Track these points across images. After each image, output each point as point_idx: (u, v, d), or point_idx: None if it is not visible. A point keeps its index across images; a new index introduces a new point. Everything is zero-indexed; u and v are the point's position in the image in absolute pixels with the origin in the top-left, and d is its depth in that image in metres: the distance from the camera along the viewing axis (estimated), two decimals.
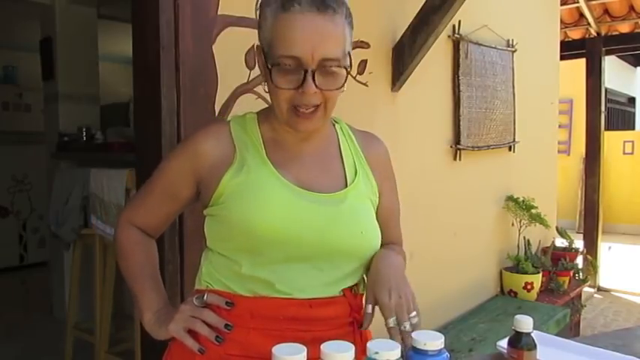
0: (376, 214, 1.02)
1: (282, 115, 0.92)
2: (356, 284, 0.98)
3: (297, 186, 0.93)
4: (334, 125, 1.06)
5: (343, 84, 0.91)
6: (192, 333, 0.91)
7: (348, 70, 0.91)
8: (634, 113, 10.39)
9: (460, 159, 2.85)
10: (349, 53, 0.92)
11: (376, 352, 0.69)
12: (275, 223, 0.89)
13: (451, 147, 2.82)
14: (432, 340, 0.77)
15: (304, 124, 0.92)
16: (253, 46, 0.96)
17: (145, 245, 1.06)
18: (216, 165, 0.94)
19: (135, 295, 1.01)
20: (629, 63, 9.66)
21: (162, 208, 1.04)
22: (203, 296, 0.93)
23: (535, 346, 0.98)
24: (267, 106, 1.03)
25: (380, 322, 1.02)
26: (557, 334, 1.68)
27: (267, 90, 0.94)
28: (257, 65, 0.98)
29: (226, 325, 0.90)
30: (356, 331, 0.96)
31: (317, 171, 0.98)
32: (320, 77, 0.88)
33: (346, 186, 0.98)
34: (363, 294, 0.99)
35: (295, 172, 0.95)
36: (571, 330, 3.41)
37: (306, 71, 0.86)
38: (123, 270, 1.05)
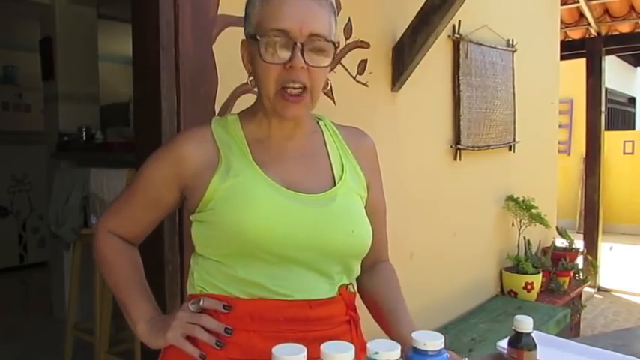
0: (365, 209, 1.01)
1: (269, 101, 0.92)
2: (350, 282, 0.98)
3: (285, 187, 0.92)
4: (318, 123, 1.05)
5: (330, 64, 0.92)
6: (191, 339, 0.89)
7: (337, 45, 0.93)
8: (634, 113, 10.39)
9: (460, 159, 2.85)
10: (334, 44, 0.93)
11: (376, 352, 0.69)
12: (266, 226, 0.88)
13: (451, 147, 2.82)
14: (432, 340, 0.77)
15: (291, 108, 0.91)
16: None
17: (128, 254, 1.03)
18: (201, 170, 0.93)
19: (124, 306, 0.98)
20: (629, 63, 9.66)
21: (144, 215, 1.01)
22: (199, 301, 0.91)
23: (535, 346, 0.98)
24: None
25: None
26: (557, 334, 1.68)
27: (253, 85, 0.95)
28: (244, 63, 0.96)
29: (226, 329, 0.88)
30: (353, 330, 0.97)
31: (304, 171, 0.97)
32: (308, 54, 0.89)
33: (335, 184, 0.97)
34: (355, 293, 1.00)
35: (281, 174, 0.94)
36: (571, 330, 3.41)
37: (294, 44, 0.87)
38: (108, 281, 1.03)
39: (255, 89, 0.97)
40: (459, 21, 2.76)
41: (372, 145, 1.09)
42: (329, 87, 1.00)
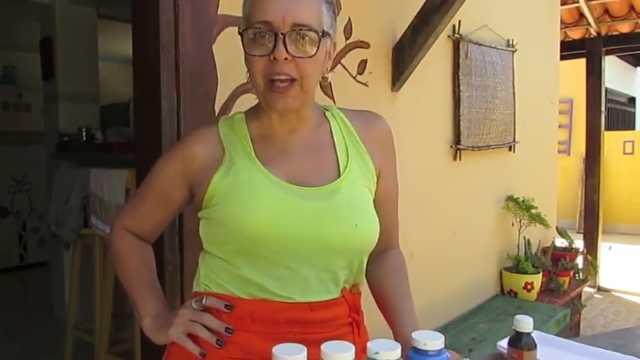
0: (374, 199, 1.00)
1: (260, 94, 0.92)
2: (355, 283, 0.98)
3: (288, 182, 0.92)
4: (325, 113, 1.03)
5: (316, 53, 0.89)
6: (192, 337, 0.91)
7: (322, 35, 0.90)
8: (634, 113, 10.39)
9: (460, 159, 2.85)
10: (328, 34, 0.92)
11: (376, 352, 0.69)
12: (265, 222, 0.88)
13: (451, 147, 2.82)
14: (432, 340, 0.77)
15: (281, 100, 0.90)
16: None
17: (141, 251, 1.05)
18: (207, 167, 0.94)
19: (133, 301, 1.01)
20: (629, 63, 9.66)
21: (156, 213, 1.03)
22: (202, 300, 0.92)
23: (535, 346, 0.98)
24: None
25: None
26: (557, 334, 1.68)
27: (249, 79, 0.94)
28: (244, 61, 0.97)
29: (227, 329, 0.89)
30: (355, 331, 0.96)
31: (308, 164, 0.96)
32: (292, 44, 0.87)
33: (339, 175, 0.95)
34: (360, 293, 0.99)
35: (285, 168, 0.94)
36: (571, 330, 3.41)
37: (276, 35, 0.87)
38: (120, 276, 1.05)
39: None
40: (459, 21, 2.76)
41: (386, 128, 1.06)
42: (329, 81, 0.99)
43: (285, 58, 0.87)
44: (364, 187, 0.98)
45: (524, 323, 0.98)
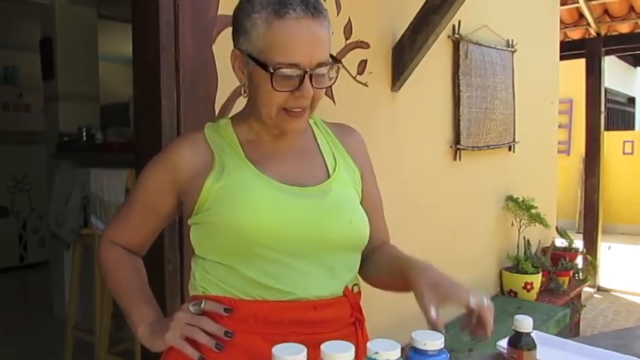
0: (361, 203, 1.02)
1: (269, 118, 0.93)
2: (356, 283, 0.98)
3: (280, 182, 0.93)
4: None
5: (334, 81, 0.94)
6: (191, 342, 0.89)
7: (339, 67, 0.94)
8: (634, 113, 10.40)
9: (460, 159, 2.85)
10: (338, 67, 0.95)
11: (376, 352, 0.69)
12: (262, 221, 0.88)
13: (451, 147, 2.82)
14: (432, 340, 0.77)
15: (295, 123, 0.93)
16: None
17: (130, 262, 1.04)
18: (196, 173, 0.94)
19: (126, 311, 0.99)
20: (629, 63, 9.67)
21: (145, 224, 1.03)
22: (200, 303, 0.91)
23: (535, 346, 0.98)
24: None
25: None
26: (557, 334, 1.68)
27: (247, 95, 0.96)
28: (235, 70, 0.98)
29: (226, 333, 0.88)
30: (358, 331, 0.96)
31: (297, 165, 0.98)
32: (316, 80, 0.90)
33: (329, 177, 0.98)
34: (360, 293, 0.99)
35: (276, 169, 0.95)
36: (571, 330, 3.41)
37: (304, 74, 0.88)
38: (111, 290, 1.04)
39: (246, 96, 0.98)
40: (459, 21, 2.76)
41: (362, 140, 1.11)
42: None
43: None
44: (352, 188, 1.01)
45: (524, 323, 0.98)
